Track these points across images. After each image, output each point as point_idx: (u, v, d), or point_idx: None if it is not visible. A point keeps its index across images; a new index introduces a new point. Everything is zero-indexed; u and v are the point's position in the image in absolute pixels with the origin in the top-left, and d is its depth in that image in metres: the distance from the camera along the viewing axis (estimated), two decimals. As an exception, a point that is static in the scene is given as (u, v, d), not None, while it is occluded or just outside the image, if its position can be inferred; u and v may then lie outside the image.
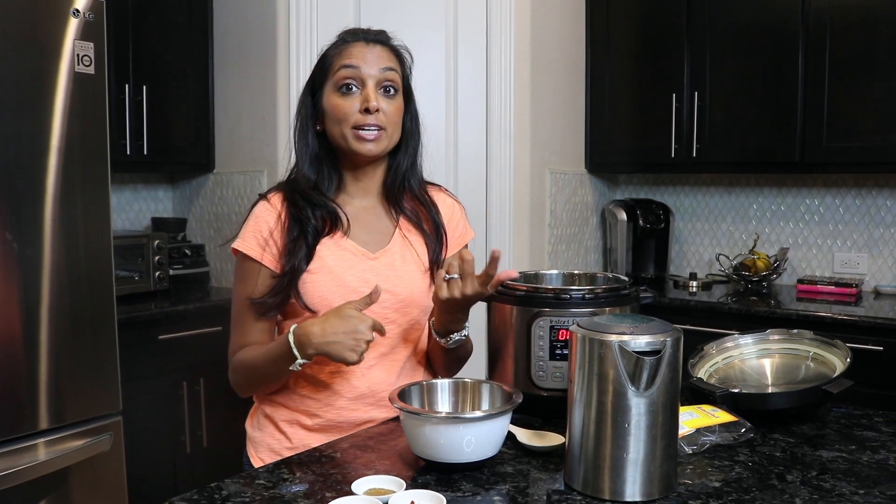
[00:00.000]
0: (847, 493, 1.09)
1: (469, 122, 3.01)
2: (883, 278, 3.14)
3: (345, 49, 1.45)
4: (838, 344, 1.53)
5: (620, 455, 1.05)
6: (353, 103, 1.42)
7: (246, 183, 3.20)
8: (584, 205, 3.52)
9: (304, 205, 1.44)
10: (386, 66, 1.45)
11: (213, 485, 1.12)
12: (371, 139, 1.43)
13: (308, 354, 1.31)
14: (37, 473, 2.11)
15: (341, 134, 1.44)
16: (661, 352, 1.03)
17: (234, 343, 1.47)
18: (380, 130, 1.43)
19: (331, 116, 1.45)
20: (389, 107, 1.44)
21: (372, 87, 1.43)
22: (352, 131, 1.43)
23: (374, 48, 1.45)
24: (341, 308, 1.31)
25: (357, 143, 1.43)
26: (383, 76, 1.44)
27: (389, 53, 1.47)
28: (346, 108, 1.42)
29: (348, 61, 1.43)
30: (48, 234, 2.14)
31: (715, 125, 3.12)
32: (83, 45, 2.18)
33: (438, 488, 1.09)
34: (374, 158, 1.47)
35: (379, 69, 1.44)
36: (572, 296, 1.39)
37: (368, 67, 1.43)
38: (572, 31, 3.38)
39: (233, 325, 1.48)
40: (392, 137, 1.47)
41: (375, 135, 1.43)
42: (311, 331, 1.30)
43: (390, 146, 1.48)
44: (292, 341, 1.31)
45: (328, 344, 1.29)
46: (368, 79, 1.43)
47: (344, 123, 1.43)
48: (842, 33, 2.83)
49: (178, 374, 2.81)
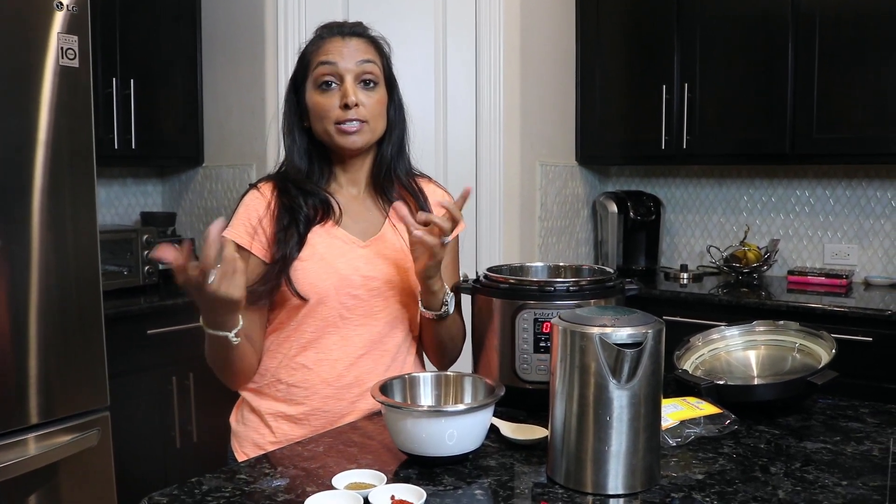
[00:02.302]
0: (830, 484, 1.09)
1: (459, 114, 3.00)
2: (873, 269, 3.15)
3: (321, 45, 1.45)
4: (824, 335, 1.53)
5: (602, 448, 1.05)
6: (332, 100, 1.43)
7: (235, 176, 3.19)
8: (575, 197, 3.51)
9: (297, 193, 1.45)
10: (363, 59, 1.44)
11: (193, 480, 1.11)
12: (353, 131, 1.43)
13: (210, 320, 1.31)
14: (26, 468, 2.11)
15: (324, 130, 1.45)
16: (643, 344, 1.03)
17: None
18: (361, 123, 1.43)
19: (313, 114, 1.45)
20: (370, 99, 1.44)
21: (350, 82, 1.42)
22: (334, 126, 1.43)
23: (351, 42, 1.45)
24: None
25: (340, 138, 1.44)
26: (361, 69, 1.44)
27: (367, 45, 1.47)
28: (327, 105, 1.43)
29: (325, 57, 1.43)
30: (35, 230, 2.13)
31: (705, 117, 3.12)
32: (67, 38, 2.16)
33: (420, 482, 1.09)
34: (359, 151, 1.48)
35: (355, 62, 1.43)
36: (556, 288, 1.38)
37: (345, 62, 1.43)
38: (562, 23, 3.37)
39: None
40: (375, 129, 1.47)
41: (357, 127, 1.43)
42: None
43: (374, 138, 1.48)
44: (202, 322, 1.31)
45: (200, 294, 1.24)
46: (346, 73, 1.43)
47: (326, 120, 1.43)
48: (831, 25, 2.82)
49: (168, 369, 2.80)
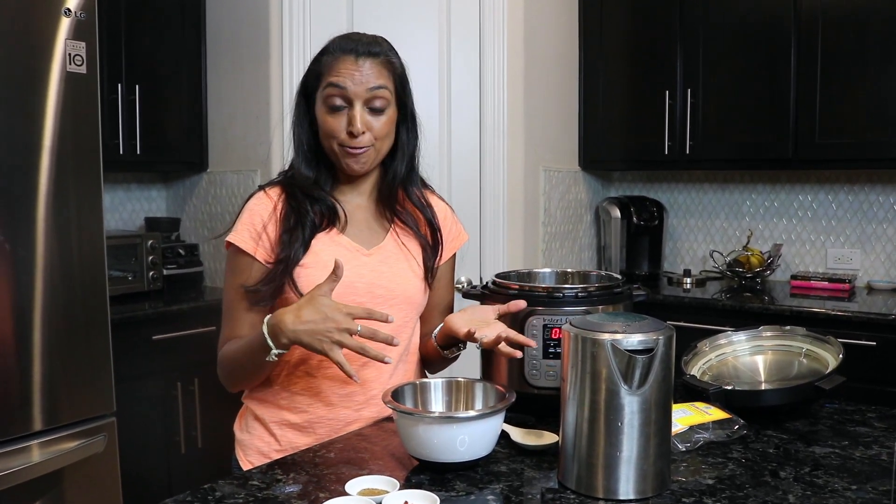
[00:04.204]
0: (840, 488, 1.09)
1: (462, 119, 3.00)
2: (876, 274, 3.15)
3: (333, 64, 1.41)
4: (831, 340, 1.54)
5: (614, 453, 1.05)
6: (340, 121, 1.41)
7: (240, 182, 3.19)
8: (578, 202, 3.52)
9: (304, 199, 1.44)
10: (374, 86, 1.40)
11: (206, 486, 1.12)
12: (356, 156, 1.42)
13: (282, 344, 1.28)
14: (31, 475, 2.10)
15: (330, 148, 1.44)
16: (654, 350, 1.04)
17: (224, 336, 1.47)
18: (366, 149, 1.42)
19: (321, 129, 1.44)
20: (378, 122, 1.42)
21: (359, 109, 1.40)
22: (340, 149, 1.42)
23: (364, 63, 1.40)
24: (312, 294, 1.27)
25: (345, 160, 1.43)
26: (371, 95, 1.40)
27: (380, 69, 1.42)
28: (334, 126, 1.41)
29: (335, 80, 1.39)
30: (41, 235, 2.13)
31: (708, 122, 3.13)
32: (75, 44, 2.17)
33: (432, 488, 1.09)
34: (363, 173, 1.47)
35: (366, 89, 1.39)
36: (565, 294, 1.39)
37: (356, 86, 1.39)
38: (565, 28, 3.38)
39: (223, 319, 1.47)
40: (381, 150, 1.45)
41: (361, 153, 1.42)
42: (283, 318, 1.27)
43: (379, 159, 1.47)
44: (266, 331, 1.30)
45: (302, 332, 1.25)
46: (356, 99, 1.40)
47: (332, 140, 1.42)
48: (834, 29, 2.83)
49: (173, 375, 2.80)
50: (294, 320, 1.26)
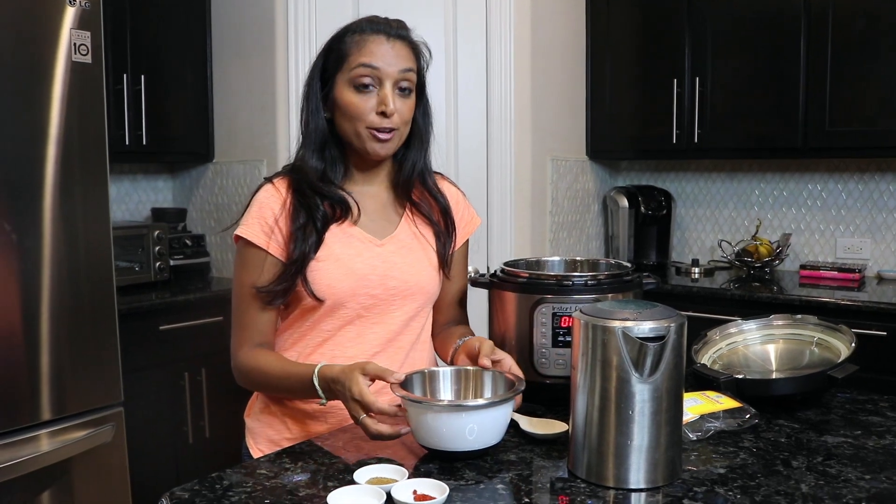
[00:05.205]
0: (853, 478, 1.08)
1: (469, 109, 2.99)
2: (886, 263, 3.13)
3: (364, 44, 1.38)
4: (843, 329, 1.53)
5: (624, 442, 1.04)
6: (369, 102, 1.38)
7: (246, 172, 3.18)
8: (586, 192, 3.50)
9: (312, 194, 1.41)
10: (406, 67, 1.39)
11: (214, 475, 1.11)
12: (385, 140, 1.40)
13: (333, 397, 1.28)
14: (39, 465, 2.11)
15: (355, 132, 1.40)
16: (665, 338, 1.02)
17: (239, 337, 1.43)
18: (393, 132, 1.40)
19: (344, 112, 1.40)
20: (404, 106, 1.40)
21: (389, 89, 1.38)
22: (367, 131, 1.39)
23: (396, 45, 1.39)
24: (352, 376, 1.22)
25: (371, 143, 1.40)
26: (402, 76, 1.39)
27: (409, 52, 1.41)
28: (362, 107, 1.38)
29: (368, 60, 1.37)
30: (47, 225, 2.13)
31: (717, 111, 3.10)
32: (80, 34, 2.16)
33: (441, 476, 1.09)
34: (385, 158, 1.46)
35: (398, 70, 1.38)
36: (575, 282, 1.38)
37: (388, 67, 1.37)
38: (572, 17, 3.35)
39: (235, 317, 1.44)
40: (402, 136, 1.44)
41: (389, 136, 1.40)
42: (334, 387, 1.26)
43: (399, 145, 1.45)
44: (317, 383, 1.28)
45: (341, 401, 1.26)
46: (387, 79, 1.38)
47: (358, 122, 1.39)
48: (844, 17, 2.80)
49: (180, 365, 2.80)
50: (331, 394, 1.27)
